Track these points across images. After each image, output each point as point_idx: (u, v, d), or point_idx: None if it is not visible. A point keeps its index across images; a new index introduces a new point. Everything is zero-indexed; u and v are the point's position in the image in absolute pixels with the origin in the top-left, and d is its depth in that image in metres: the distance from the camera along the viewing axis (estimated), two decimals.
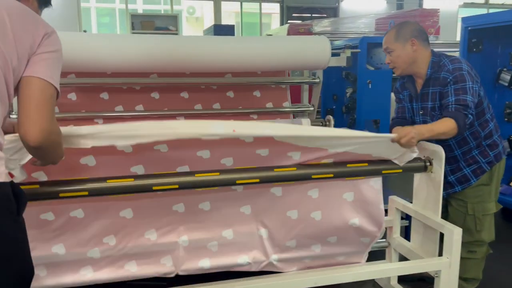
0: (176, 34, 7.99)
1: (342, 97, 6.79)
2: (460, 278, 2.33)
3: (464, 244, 2.33)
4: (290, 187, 2.09)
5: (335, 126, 6.76)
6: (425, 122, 2.33)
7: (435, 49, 2.38)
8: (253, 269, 2.22)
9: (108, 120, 2.91)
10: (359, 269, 2.14)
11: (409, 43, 2.25)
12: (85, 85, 2.88)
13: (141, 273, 2.08)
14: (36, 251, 1.85)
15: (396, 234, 2.50)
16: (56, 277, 1.98)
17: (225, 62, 2.67)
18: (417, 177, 2.35)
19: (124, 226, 2.00)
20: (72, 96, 2.90)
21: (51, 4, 1.69)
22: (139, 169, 1.95)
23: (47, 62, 1.38)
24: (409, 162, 2.22)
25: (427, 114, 2.33)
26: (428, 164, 2.22)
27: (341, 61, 3.05)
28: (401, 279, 2.53)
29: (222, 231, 2.12)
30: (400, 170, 2.18)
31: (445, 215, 2.43)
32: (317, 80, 3.28)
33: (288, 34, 6.78)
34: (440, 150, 2.14)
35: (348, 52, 3.00)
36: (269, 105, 3.28)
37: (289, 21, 9.32)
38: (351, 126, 6.53)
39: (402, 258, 2.47)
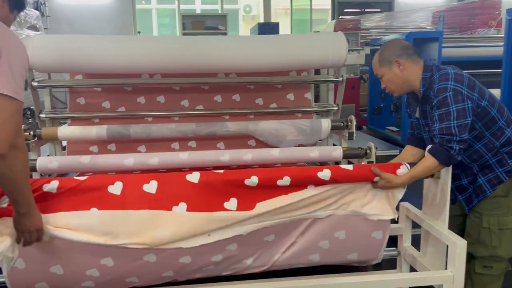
0: (225, 33, 8.12)
1: (390, 95, 6.53)
2: None
3: (480, 258, 2.15)
4: None
5: (381, 125, 6.52)
6: (431, 139, 2.17)
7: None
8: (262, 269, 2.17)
9: (131, 119, 3.00)
10: (350, 279, 2.03)
11: (394, 65, 2.11)
12: (111, 85, 2.99)
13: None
14: (36, 271, 1.92)
15: (406, 243, 2.36)
16: None
17: (234, 63, 2.66)
18: (426, 183, 2.20)
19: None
20: (97, 87, 3.02)
21: (25, 7, 1.73)
22: None
23: (11, 76, 1.41)
24: None
25: (430, 131, 2.17)
26: None
27: (360, 59, 2.91)
28: None
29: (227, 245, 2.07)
30: None
31: (463, 227, 2.25)
32: (340, 79, 3.16)
33: (335, 30, 6.62)
34: None
35: (367, 49, 2.86)
36: (290, 96, 3.21)
37: (340, 17, 9.09)
38: (399, 126, 6.27)
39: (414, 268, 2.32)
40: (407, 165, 2.09)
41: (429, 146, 2.06)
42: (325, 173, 2.01)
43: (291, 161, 2.81)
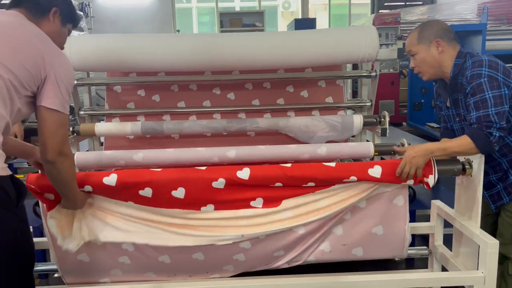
0: (262, 30, 8.14)
1: (431, 91, 6.35)
2: None
3: None
4: None
5: (421, 121, 6.34)
6: (462, 129, 2.09)
7: None
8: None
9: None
10: (380, 277, 2.00)
11: (433, 44, 2.03)
12: (146, 82, 3.09)
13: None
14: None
15: (438, 242, 2.29)
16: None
17: (262, 60, 2.67)
18: (458, 181, 2.13)
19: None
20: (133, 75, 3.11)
21: (79, 21, 1.86)
22: None
23: (59, 92, 1.57)
24: (446, 164, 2.03)
25: (462, 120, 2.09)
26: (467, 166, 2.01)
27: (392, 53, 2.85)
28: None
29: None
30: None
31: (496, 227, 2.16)
32: (373, 74, 3.10)
33: (373, 24, 6.49)
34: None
35: (399, 44, 2.79)
36: (321, 83, 3.17)
37: (380, 11, 8.87)
38: (439, 121, 6.08)
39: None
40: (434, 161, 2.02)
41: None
42: (351, 180, 2.00)
43: (321, 158, 2.79)
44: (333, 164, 2.06)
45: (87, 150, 3.18)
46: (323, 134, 2.96)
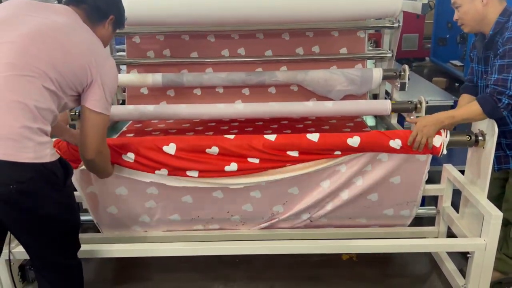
0: None
1: (458, 25, 6.09)
2: None
3: None
4: None
5: (445, 58, 6.15)
6: (487, 86, 2.09)
7: None
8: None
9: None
10: (385, 242, 2.14)
11: None
12: (168, 32, 3.09)
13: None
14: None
15: (446, 203, 2.40)
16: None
17: (283, 14, 2.63)
18: (470, 151, 2.18)
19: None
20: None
21: (124, 26, 1.93)
22: None
23: (103, 96, 1.66)
24: (459, 135, 2.08)
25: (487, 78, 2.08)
26: (480, 138, 2.05)
27: (416, 8, 2.75)
28: None
29: None
30: None
31: (503, 191, 2.24)
32: (396, 25, 3.03)
33: None
34: (492, 124, 1.95)
35: None
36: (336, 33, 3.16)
37: None
38: (463, 59, 5.92)
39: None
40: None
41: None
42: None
43: (337, 114, 2.83)
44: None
45: None
46: (342, 88, 2.98)
